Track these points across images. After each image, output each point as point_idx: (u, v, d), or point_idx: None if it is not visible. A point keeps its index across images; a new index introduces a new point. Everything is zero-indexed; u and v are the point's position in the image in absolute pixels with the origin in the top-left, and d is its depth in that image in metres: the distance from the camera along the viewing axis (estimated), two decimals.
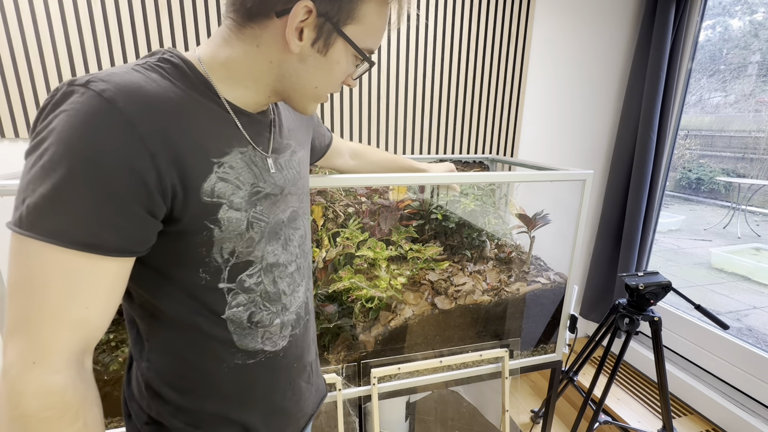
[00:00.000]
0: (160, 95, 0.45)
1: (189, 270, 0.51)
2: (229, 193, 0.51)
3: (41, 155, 0.40)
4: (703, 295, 2.40)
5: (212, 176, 0.49)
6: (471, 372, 1.24)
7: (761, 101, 2.02)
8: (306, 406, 0.70)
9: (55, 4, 1.25)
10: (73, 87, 0.42)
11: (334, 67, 0.53)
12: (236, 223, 0.52)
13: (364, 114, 1.62)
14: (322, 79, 0.54)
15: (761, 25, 1.97)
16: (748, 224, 2.59)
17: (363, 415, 1.20)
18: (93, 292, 0.43)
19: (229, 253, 0.53)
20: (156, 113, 0.44)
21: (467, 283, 1.25)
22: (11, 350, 0.41)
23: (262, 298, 0.58)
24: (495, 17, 1.69)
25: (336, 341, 1.16)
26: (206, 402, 0.57)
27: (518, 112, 1.83)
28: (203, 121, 0.49)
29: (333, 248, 1.19)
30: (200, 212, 0.48)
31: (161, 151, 0.43)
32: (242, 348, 0.57)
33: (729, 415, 1.60)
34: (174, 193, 0.45)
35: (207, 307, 0.53)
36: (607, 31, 1.89)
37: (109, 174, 0.41)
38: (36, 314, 0.41)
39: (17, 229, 0.40)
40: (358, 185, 1.32)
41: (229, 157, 0.51)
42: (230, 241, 0.52)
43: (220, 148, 0.50)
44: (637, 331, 1.28)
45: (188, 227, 0.48)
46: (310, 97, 0.56)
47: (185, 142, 0.46)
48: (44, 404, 0.42)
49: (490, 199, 1.53)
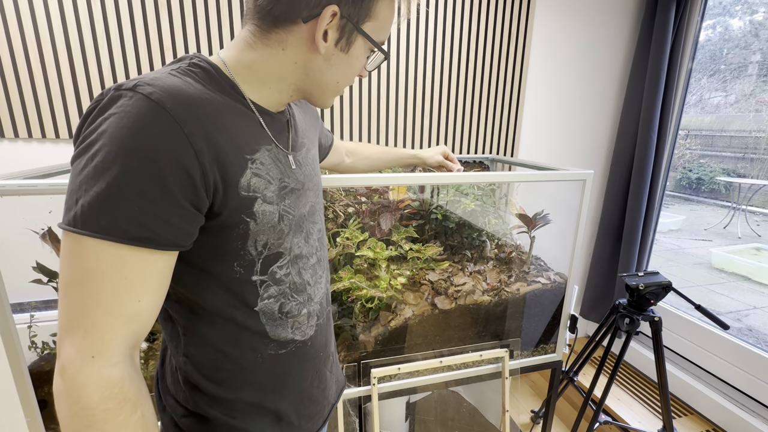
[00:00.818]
0: (199, 97, 0.48)
1: (225, 264, 0.53)
2: (263, 188, 0.53)
3: (93, 156, 0.42)
4: (703, 295, 2.40)
5: (247, 172, 0.52)
6: (471, 372, 1.23)
7: (761, 101, 2.02)
8: (330, 395, 0.74)
9: (54, 4, 1.25)
10: (121, 91, 0.44)
11: (354, 62, 0.57)
12: (270, 216, 0.54)
13: (364, 114, 1.62)
14: (343, 74, 0.57)
15: (761, 24, 1.97)
16: (748, 224, 2.58)
17: (363, 415, 1.20)
18: (145, 286, 0.45)
19: (263, 246, 0.55)
20: (198, 114, 0.46)
21: (467, 283, 1.25)
22: (69, 347, 0.43)
23: (290, 289, 0.61)
24: (495, 17, 1.69)
25: (336, 341, 1.16)
26: (242, 392, 0.59)
27: (518, 112, 1.83)
28: (235, 121, 0.52)
29: (333, 248, 1.19)
30: (238, 206, 0.51)
31: (204, 149, 0.46)
32: (275, 338, 0.60)
33: (729, 415, 1.60)
34: (215, 189, 0.48)
35: (241, 299, 0.56)
36: (607, 31, 1.89)
37: (162, 171, 0.43)
38: (93, 309, 0.43)
39: (72, 228, 0.42)
40: (358, 185, 1.32)
41: (259, 154, 0.54)
42: (264, 234, 0.55)
43: (251, 145, 0.53)
44: (637, 331, 1.28)
45: (227, 221, 0.51)
46: (331, 92, 0.59)
47: (223, 141, 0.49)
48: (105, 396, 0.43)
49: (490, 199, 1.53)
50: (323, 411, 0.72)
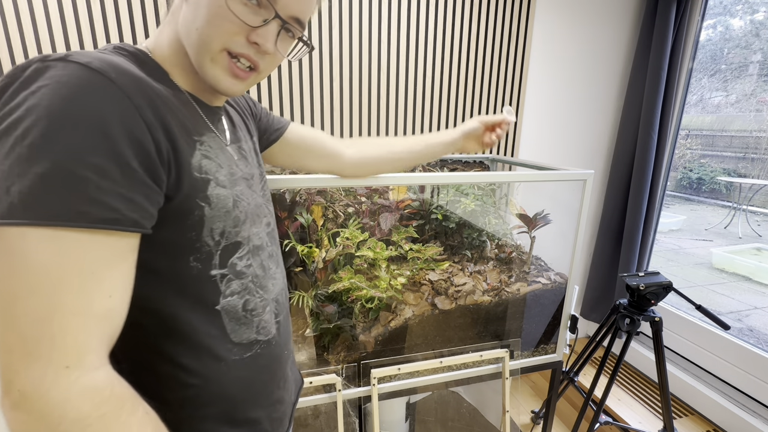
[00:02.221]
0: (139, 74, 0.43)
1: (179, 261, 0.48)
2: (214, 170, 0.50)
3: (23, 135, 0.36)
4: (704, 295, 2.40)
5: (197, 153, 0.48)
6: (471, 372, 1.23)
7: (762, 101, 2.02)
8: (291, 394, 0.70)
9: (54, 4, 1.25)
10: (48, 62, 0.38)
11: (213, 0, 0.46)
12: (224, 200, 0.50)
13: (364, 114, 1.62)
14: (201, 15, 0.47)
15: (762, 24, 1.97)
16: (749, 224, 2.58)
17: (363, 415, 1.20)
18: (114, 278, 0.40)
19: (220, 234, 0.50)
20: (143, 87, 0.42)
21: (467, 284, 1.24)
22: (28, 370, 0.36)
23: (254, 283, 0.56)
24: (495, 18, 1.69)
25: (336, 342, 1.16)
26: (210, 408, 0.53)
27: (518, 112, 1.83)
28: (175, 103, 0.47)
29: (333, 248, 1.19)
30: (192, 189, 0.46)
31: (155, 122, 0.42)
32: (237, 341, 0.54)
33: (730, 415, 1.60)
34: (169, 168, 0.44)
35: (200, 300, 0.50)
36: (607, 31, 1.88)
37: (117, 143, 0.38)
38: (57, 313, 0.36)
39: (8, 221, 0.35)
40: (358, 185, 1.32)
41: (205, 137, 0.50)
42: (220, 220, 0.50)
43: (197, 129, 0.50)
44: (637, 331, 1.28)
45: (181, 207, 0.46)
46: (200, 50, 0.48)
47: (170, 118, 0.44)
48: (97, 401, 0.38)
49: (490, 199, 1.52)
50: (288, 411, 0.68)
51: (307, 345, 1.14)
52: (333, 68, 1.52)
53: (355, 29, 1.51)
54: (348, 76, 1.55)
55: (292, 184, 1.02)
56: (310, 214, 1.21)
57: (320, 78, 1.52)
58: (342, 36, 1.50)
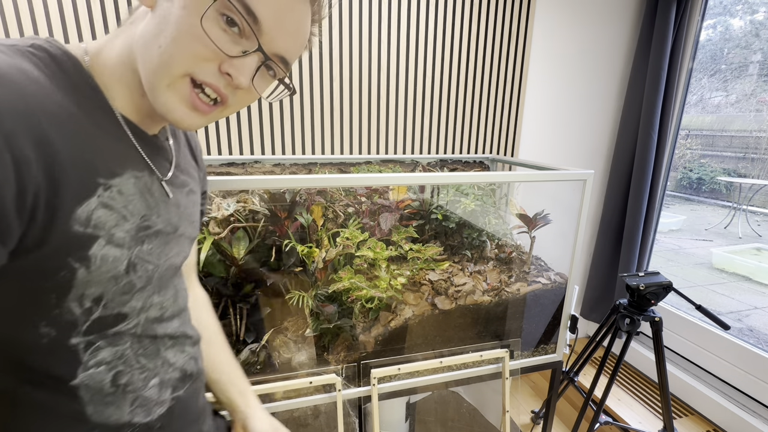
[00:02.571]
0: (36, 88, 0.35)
1: (23, 326, 0.38)
2: (111, 225, 0.40)
3: None
4: (704, 295, 2.40)
5: (93, 200, 0.38)
6: (471, 372, 1.23)
7: (762, 101, 2.02)
8: None
9: (54, 4, 1.25)
10: None
11: (178, 13, 0.38)
12: (113, 262, 0.40)
13: (364, 114, 1.61)
14: (166, 33, 0.38)
15: (762, 24, 1.97)
16: (749, 224, 2.58)
17: (363, 415, 1.20)
18: None
19: (93, 301, 0.40)
20: (31, 107, 0.33)
21: (467, 284, 1.24)
22: None
23: (135, 351, 0.45)
24: (495, 17, 1.69)
25: (336, 342, 1.16)
26: None
27: (518, 112, 1.83)
28: (91, 131, 0.39)
29: (333, 248, 1.19)
30: (64, 244, 0.36)
31: (32, 157, 0.33)
32: (99, 422, 0.43)
33: (730, 415, 1.60)
34: (33, 216, 0.34)
35: (48, 372, 0.39)
36: (607, 31, 1.88)
37: None
38: None
39: None
40: (358, 185, 1.32)
41: (120, 179, 0.41)
42: (98, 286, 0.40)
43: (110, 167, 0.40)
44: (637, 331, 1.28)
45: (42, 263, 0.36)
46: (158, 72, 0.40)
47: (67, 151, 0.35)
48: None
49: (490, 199, 1.52)
50: None
51: (307, 345, 1.14)
52: (333, 68, 1.52)
53: (355, 29, 1.51)
54: (348, 77, 1.55)
55: (292, 184, 1.02)
56: (310, 214, 1.21)
57: (320, 78, 1.52)
58: (342, 36, 1.50)
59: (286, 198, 1.20)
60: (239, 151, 1.50)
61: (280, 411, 1.05)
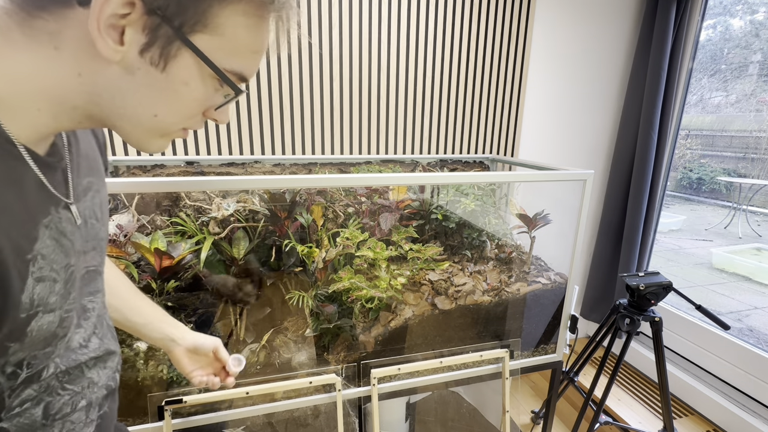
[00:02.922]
0: None
1: None
2: (47, 294, 0.37)
3: None
4: (703, 295, 2.40)
5: (29, 280, 0.35)
6: (471, 372, 1.23)
7: (762, 101, 2.02)
8: None
9: None
10: None
11: (181, 89, 0.38)
12: (47, 327, 0.38)
13: (364, 114, 1.61)
14: (164, 104, 0.39)
15: (762, 24, 1.97)
16: (749, 224, 2.58)
17: (363, 415, 1.20)
18: None
19: (16, 365, 0.37)
20: None
21: (467, 284, 1.24)
22: None
23: (60, 380, 0.43)
24: (495, 17, 1.69)
25: (336, 342, 1.16)
26: None
27: (518, 112, 1.83)
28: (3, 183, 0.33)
29: (333, 248, 1.19)
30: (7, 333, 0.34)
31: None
32: None
33: (730, 415, 1.60)
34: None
35: None
36: (607, 31, 1.88)
37: None
38: None
39: None
40: (358, 185, 1.32)
41: (39, 243, 0.36)
42: (25, 351, 0.37)
43: (28, 232, 0.35)
44: (637, 331, 1.28)
45: None
46: (151, 130, 0.40)
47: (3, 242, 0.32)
48: None
49: (490, 199, 1.52)
50: None
51: (307, 345, 1.14)
52: (333, 68, 1.52)
53: (355, 30, 1.51)
54: (348, 77, 1.55)
55: (292, 184, 1.02)
56: (310, 214, 1.21)
57: (320, 78, 1.52)
58: (342, 36, 1.50)
59: (286, 198, 1.20)
60: (239, 151, 1.50)
61: (280, 411, 1.05)
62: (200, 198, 1.21)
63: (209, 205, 1.18)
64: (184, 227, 1.09)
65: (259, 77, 1.45)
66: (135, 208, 1.14)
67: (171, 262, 0.98)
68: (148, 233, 1.04)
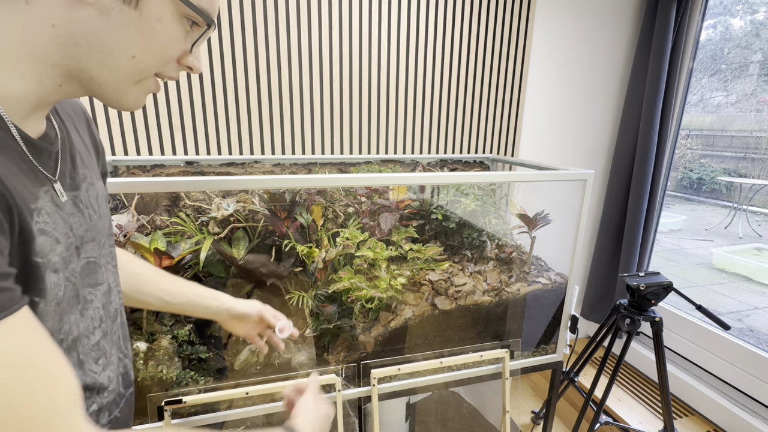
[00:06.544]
0: None
1: None
2: (48, 250, 0.38)
3: None
4: (704, 295, 2.40)
5: (34, 229, 0.36)
6: (471, 373, 1.23)
7: (762, 101, 2.02)
8: None
9: None
10: None
11: (156, 26, 0.39)
12: (55, 290, 0.39)
13: (364, 114, 1.61)
14: (141, 43, 0.39)
15: (762, 24, 1.97)
16: (749, 224, 2.58)
17: (363, 415, 1.20)
18: (44, 354, 0.34)
19: None
20: None
21: (467, 284, 1.24)
22: None
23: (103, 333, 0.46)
24: (496, 18, 1.69)
25: (336, 342, 1.16)
26: None
27: (519, 112, 1.83)
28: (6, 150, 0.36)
29: (333, 248, 1.18)
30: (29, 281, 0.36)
31: None
32: None
33: (730, 415, 1.60)
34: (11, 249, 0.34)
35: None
36: (607, 31, 1.88)
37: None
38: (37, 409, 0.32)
39: None
40: (358, 185, 1.32)
41: (40, 201, 0.38)
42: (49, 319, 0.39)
43: (30, 188, 0.37)
44: (638, 331, 1.27)
45: None
46: (128, 74, 0.40)
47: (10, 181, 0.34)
48: None
49: (490, 199, 1.52)
50: None
51: (307, 345, 1.14)
52: (333, 68, 1.52)
53: (355, 30, 1.51)
54: (348, 77, 1.55)
55: (292, 184, 1.02)
56: (310, 214, 1.21)
57: (320, 78, 1.52)
58: (342, 36, 1.50)
59: (286, 198, 1.20)
60: (239, 151, 1.50)
61: (280, 411, 1.05)
62: (200, 198, 1.21)
63: (209, 205, 1.18)
64: (183, 227, 1.09)
65: (259, 77, 1.45)
66: (135, 208, 1.14)
67: (171, 262, 0.98)
68: (147, 233, 1.04)
